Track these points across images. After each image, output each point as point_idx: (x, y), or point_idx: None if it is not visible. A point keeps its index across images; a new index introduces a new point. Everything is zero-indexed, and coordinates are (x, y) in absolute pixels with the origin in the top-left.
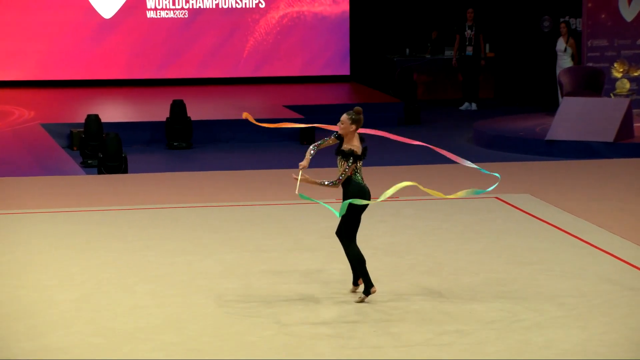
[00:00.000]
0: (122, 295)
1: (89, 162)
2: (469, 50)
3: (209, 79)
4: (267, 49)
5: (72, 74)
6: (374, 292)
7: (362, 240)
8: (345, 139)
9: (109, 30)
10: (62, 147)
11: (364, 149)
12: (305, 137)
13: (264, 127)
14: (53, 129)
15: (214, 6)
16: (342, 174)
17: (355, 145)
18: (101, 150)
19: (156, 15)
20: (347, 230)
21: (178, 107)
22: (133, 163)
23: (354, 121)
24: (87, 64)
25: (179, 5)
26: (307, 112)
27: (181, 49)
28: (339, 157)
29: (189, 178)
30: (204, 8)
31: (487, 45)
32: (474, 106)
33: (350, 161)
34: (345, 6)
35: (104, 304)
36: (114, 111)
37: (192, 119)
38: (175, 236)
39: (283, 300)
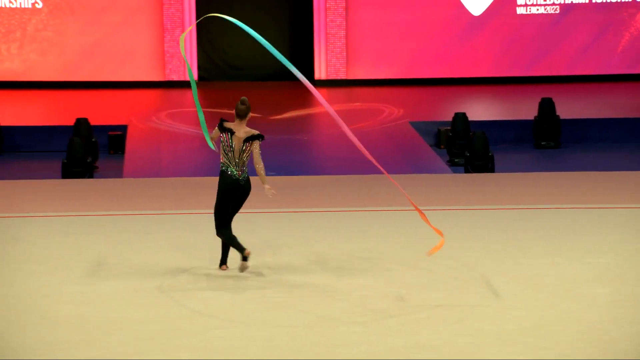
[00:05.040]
0: (489, 296)
1: (455, 160)
2: None
3: (580, 76)
4: None
5: (441, 71)
6: (248, 253)
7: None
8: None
9: (477, 28)
10: (430, 146)
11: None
12: None
13: None
14: (421, 127)
15: (587, 0)
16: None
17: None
18: (468, 149)
19: (526, 11)
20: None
21: (547, 106)
22: (500, 162)
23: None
24: (455, 62)
25: (550, 0)
26: None
27: (551, 45)
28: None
29: (556, 178)
30: (576, 3)
31: None
32: None
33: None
34: None
35: (473, 303)
36: (480, 110)
37: (561, 117)
38: (541, 237)
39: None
